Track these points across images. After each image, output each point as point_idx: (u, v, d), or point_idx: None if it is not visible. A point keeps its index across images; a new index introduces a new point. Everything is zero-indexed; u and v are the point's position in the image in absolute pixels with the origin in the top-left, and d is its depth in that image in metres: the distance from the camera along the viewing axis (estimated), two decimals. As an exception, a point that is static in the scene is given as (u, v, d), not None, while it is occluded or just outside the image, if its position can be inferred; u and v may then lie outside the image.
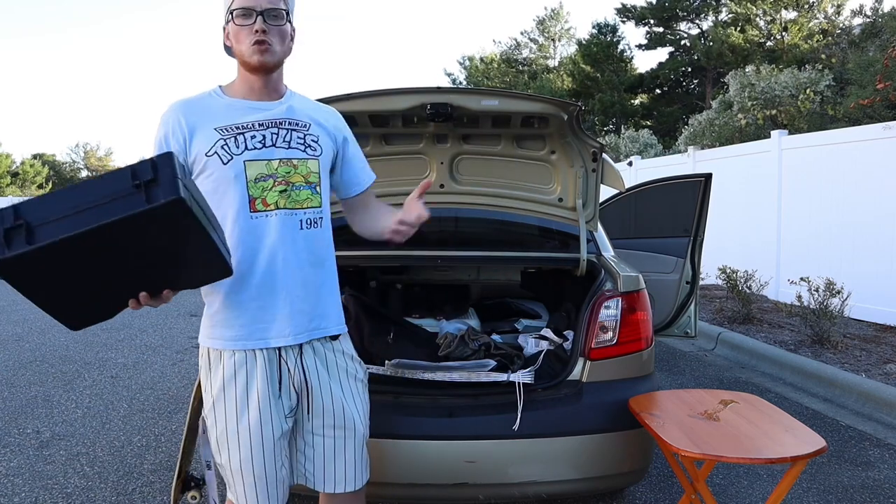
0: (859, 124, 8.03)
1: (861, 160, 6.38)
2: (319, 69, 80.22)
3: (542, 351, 2.57)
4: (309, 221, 1.59)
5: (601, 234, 3.01)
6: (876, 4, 17.16)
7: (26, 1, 69.65)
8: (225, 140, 1.52)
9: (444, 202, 2.93)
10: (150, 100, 78.09)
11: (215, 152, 1.51)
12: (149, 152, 1.46)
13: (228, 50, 1.63)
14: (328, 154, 1.66)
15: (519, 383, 2.22)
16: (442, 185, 2.85)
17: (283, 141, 1.58)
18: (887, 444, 3.48)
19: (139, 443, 3.43)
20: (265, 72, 1.58)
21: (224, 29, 1.60)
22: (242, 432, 1.54)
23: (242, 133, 1.54)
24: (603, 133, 22.93)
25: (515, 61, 33.55)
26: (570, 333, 2.67)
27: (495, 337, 2.92)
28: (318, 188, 1.62)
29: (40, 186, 38.33)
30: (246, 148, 1.53)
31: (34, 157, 42.86)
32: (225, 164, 1.51)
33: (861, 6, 25.13)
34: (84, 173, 45.17)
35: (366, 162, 1.81)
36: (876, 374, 4.45)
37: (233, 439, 1.54)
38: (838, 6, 20.11)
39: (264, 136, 1.56)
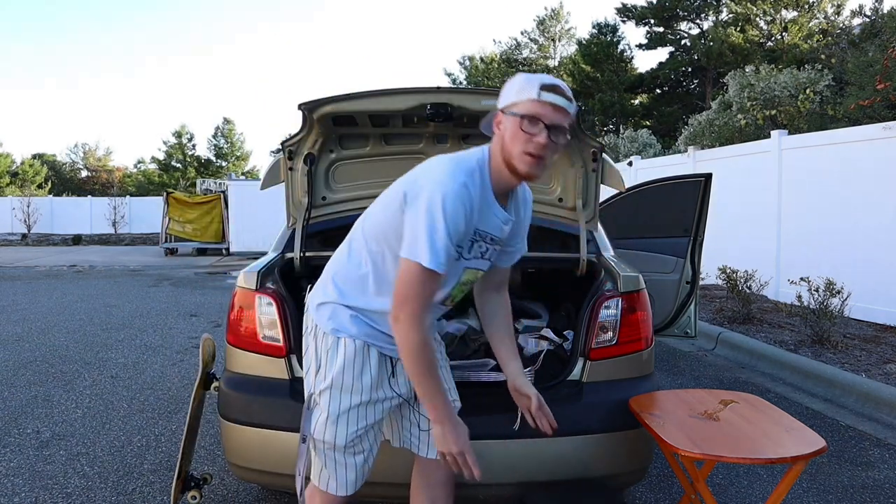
0: (859, 124, 8.03)
1: (861, 160, 6.39)
2: (320, 69, 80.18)
3: (542, 351, 2.57)
4: None
5: (601, 234, 3.00)
6: (876, 4, 17.17)
7: (26, 1, 69.62)
8: (470, 241, 1.62)
9: None
10: (149, 100, 78.14)
11: (461, 245, 1.61)
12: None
13: (490, 130, 1.62)
14: None
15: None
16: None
17: (490, 255, 1.72)
18: (887, 444, 3.48)
19: (139, 443, 3.43)
20: (526, 180, 1.62)
21: (499, 112, 1.57)
22: (352, 412, 1.68)
23: (479, 241, 1.65)
24: (603, 133, 22.93)
25: (515, 61, 33.54)
26: (570, 333, 2.66)
27: (495, 337, 2.91)
28: None
29: (40, 186, 38.31)
30: (473, 256, 1.66)
31: (34, 157, 42.87)
32: (456, 260, 1.61)
33: (861, 6, 25.21)
34: (84, 173, 45.13)
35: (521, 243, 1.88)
36: (876, 374, 4.46)
37: (342, 417, 1.68)
38: (838, 6, 20.16)
39: (486, 250, 1.69)
